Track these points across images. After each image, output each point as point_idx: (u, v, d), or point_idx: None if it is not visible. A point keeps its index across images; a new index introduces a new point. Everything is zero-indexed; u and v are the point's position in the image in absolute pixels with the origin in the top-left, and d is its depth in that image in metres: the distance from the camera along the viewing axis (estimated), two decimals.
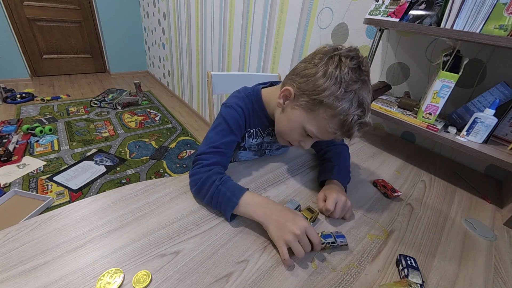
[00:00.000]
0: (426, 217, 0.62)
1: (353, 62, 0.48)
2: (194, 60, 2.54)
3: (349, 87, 0.48)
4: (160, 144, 2.22)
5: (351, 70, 0.48)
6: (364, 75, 0.49)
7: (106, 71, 3.86)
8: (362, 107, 0.49)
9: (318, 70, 0.50)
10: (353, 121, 0.49)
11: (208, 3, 2.04)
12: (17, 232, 0.44)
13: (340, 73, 0.48)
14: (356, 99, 0.48)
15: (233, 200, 0.50)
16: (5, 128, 2.07)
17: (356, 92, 0.48)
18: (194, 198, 0.57)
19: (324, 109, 0.50)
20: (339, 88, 0.48)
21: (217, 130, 0.61)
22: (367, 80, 0.50)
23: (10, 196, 1.44)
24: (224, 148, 0.59)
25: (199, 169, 0.56)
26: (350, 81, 0.47)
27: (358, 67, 0.48)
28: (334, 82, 0.48)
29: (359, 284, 0.43)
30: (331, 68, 0.48)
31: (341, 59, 0.48)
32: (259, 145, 0.73)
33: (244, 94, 0.66)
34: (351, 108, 0.48)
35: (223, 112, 0.63)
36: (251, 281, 0.41)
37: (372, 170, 0.79)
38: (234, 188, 0.52)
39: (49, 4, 3.05)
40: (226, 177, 0.54)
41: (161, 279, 0.39)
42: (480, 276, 0.49)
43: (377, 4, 0.84)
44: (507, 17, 0.58)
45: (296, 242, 0.44)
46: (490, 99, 0.71)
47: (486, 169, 0.89)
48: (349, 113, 0.48)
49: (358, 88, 0.48)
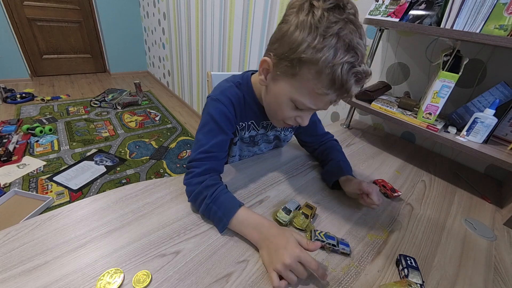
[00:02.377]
0: (426, 217, 0.62)
1: (328, 2, 0.40)
2: (194, 60, 2.54)
3: (328, 30, 0.39)
4: (160, 144, 2.22)
5: (326, 11, 0.40)
6: (347, 13, 0.41)
7: (106, 71, 3.86)
8: (353, 52, 0.41)
9: (290, 24, 0.42)
10: (344, 71, 0.41)
11: (208, 3, 2.03)
12: (17, 232, 0.44)
13: (313, 18, 0.40)
14: (342, 43, 0.40)
15: (223, 221, 0.47)
16: (5, 128, 2.07)
17: (339, 35, 0.40)
18: None
19: (307, 68, 0.43)
20: (315, 36, 0.40)
21: (205, 131, 0.55)
22: (354, 19, 0.41)
23: (10, 196, 1.44)
24: (216, 151, 0.55)
25: (191, 180, 0.52)
26: (328, 24, 0.39)
27: (335, 6, 0.40)
28: (309, 31, 0.40)
29: (359, 284, 0.43)
30: (302, 17, 0.41)
31: (312, 4, 0.41)
32: (252, 138, 0.69)
33: (233, 83, 0.59)
34: (337, 55, 0.40)
35: (209, 107, 0.56)
36: (251, 281, 0.41)
37: (372, 170, 0.79)
38: (225, 205, 0.48)
39: (49, 4, 3.05)
40: (218, 192, 0.50)
41: (161, 279, 0.39)
42: (480, 276, 0.49)
43: (377, 4, 0.84)
44: (507, 17, 0.58)
45: (286, 271, 0.40)
46: (490, 99, 0.71)
47: (486, 169, 0.89)
48: (335, 62, 0.40)
49: (340, 28, 0.40)
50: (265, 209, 0.56)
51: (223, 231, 0.48)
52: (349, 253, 0.48)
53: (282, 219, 0.52)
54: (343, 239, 0.50)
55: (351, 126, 1.08)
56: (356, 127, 1.09)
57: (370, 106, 0.88)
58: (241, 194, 0.60)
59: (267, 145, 0.77)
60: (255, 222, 0.47)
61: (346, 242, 0.49)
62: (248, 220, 0.47)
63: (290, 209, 0.53)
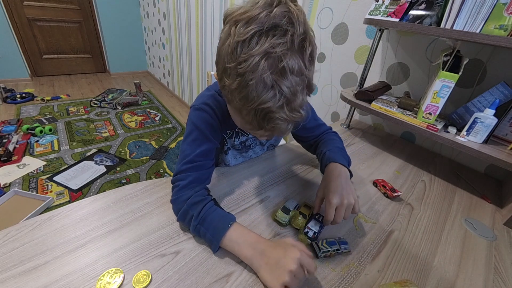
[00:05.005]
0: (426, 217, 0.62)
1: (248, 27, 0.31)
2: (194, 60, 2.54)
3: (239, 69, 0.32)
4: (160, 144, 2.22)
5: (241, 43, 0.32)
6: (278, 37, 0.31)
7: (106, 71, 3.86)
8: (272, 92, 0.33)
9: (218, 49, 0.36)
10: (259, 117, 0.35)
11: (208, 3, 2.03)
12: (17, 232, 0.44)
13: (228, 53, 0.33)
14: (259, 84, 0.32)
15: (213, 243, 0.44)
16: (5, 128, 2.07)
17: (253, 74, 0.32)
18: None
19: (231, 104, 0.39)
20: (228, 75, 0.34)
21: (189, 140, 0.52)
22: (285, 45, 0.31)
23: (10, 196, 1.44)
24: (200, 160, 0.52)
25: (177, 197, 0.49)
26: (240, 60, 0.32)
27: (257, 33, 0.31)
28: (222, 63, 0.34)
29: (359, 284, 0.43)
30: (222, 46, 0.34)
31: (230, 30, 0.33)
32: (243, 143, 0.67)
33: (214, 91, 0.56)
34: (249, 98, 0.33)
35: (192, 117, 0.53)
36: (251, 281, 0.41)
37: (372, 170, 0.79)
38: (214, 226, 0.44)
39: (49, 4, 3.05)
40: (205, 211, 0.46)
41: (161, 279, 0.39)
42: (480, 276, 0.49)
43: (377, 4, 0.84)
44: (507, 17, 0.58)
45: (293, 280, 0.38)
46: (490, 99, 0.71)
47: (486, 169, 0.89)
48: (247, 107, 0.34)
49: (253, 67, 0.31)
50: (265, 209, 0.56)
51: (216, 251, 0.45)
52: (349, 250, 0.48)
53: (281, 219, 0.52)
54: (340, 238, 0.50)
55: (351, 126, 1.08)
56: (356, 127, 1.09)
57: (370, 106, 0.88)
58: (240, 194, 0.60)
59: (261, 147, 0.75)
60: (249, 238, 0.44)
61: (344, 240, 0.49)
62: (241, 238, 0.44)
63: (289, 209, 0.53)
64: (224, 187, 0.61)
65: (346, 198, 0.48)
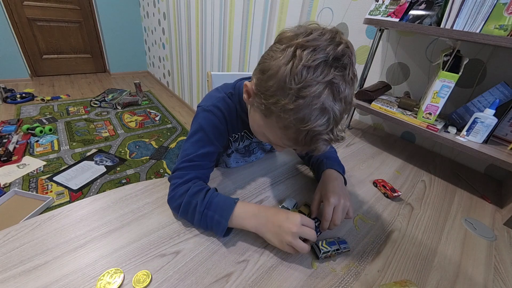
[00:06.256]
0: (426, 217, 0.62)
1: (315, 55, 0.35)
2: (194, 60, 2.54)
3: (302, 92, 0.35)
4: (160, 144, 2.22)
5: (307, 68, 0.35)
6: (335, 72, 0.36)
7: (106, 71, 3.86)
8: (325, 118, 0.37)
9: (271, 65, 0.39)
10: (309, 137, 0.38)
11: (208, 3, 2.03)
12: (17, 232, 0.44)
13: (290, 72, 0.36)
14: (314, 108, 0.36)
15: (222, 223, 0.45)
16: (5, 128, 2.07)
17: (314, 99, 0.35)
18: None
19: (275, 118, 0.40)
20: (287, 94, 0.36)
21: (193, 140, 0.53)
22: (341, 76, 0.36)
23: (10, 196, 1.44)
24: (200, 160, 0.52)
25: (174, 193, 0.49)
26: (305, 84, 0.35)
27: (320, 64, 0.35)
28: (282, 86, 0.37)
29: (359, 284, 0.43)
30: (281, 62, 0.37)
31: (295, 53, 0.36)
32: (247, 147, 0.68)
33: (225, 93, 0.56)
34: (305, 120, 0.37)
35: (200, 118, 0.54)
36: (251, 281, 0.41)
37: (372, 170, 0.79)
38: (221, 207, 0.46)
39: (49, 4, 3.05)
40: (209, 196, 0.47)
41: (161, 279, 0.39)
42: (480, 276, 0.49)
43: (377, 4, 0.84)
44: (507, 17, 0.58)
45: (297, 240, 0.43)
46: (490, 99, 0.71)
47: (486, 169, 0.89)
48: (301, 127, 0.37)
49: (318, 93, 0.35)
50: None
51: (223, 234, 0.46)
52: (349, 249, 0.48)
53: None
54: (339, 237, 0.50)
55: (351, 126, 1.08)
56: (356, 127, 1.09)
57: (370, 106, 0.88)
58: (240, 194, 0.60)
59: (264, 152, 0.76)
60: (253, 209, 0.48)
61: (343, 240, 0.49)
62: (245, 211, 0.47)
63: (288, 208, 0.54)
64: (224, 187, 0.61)
65: (343, 198, 0.50)
